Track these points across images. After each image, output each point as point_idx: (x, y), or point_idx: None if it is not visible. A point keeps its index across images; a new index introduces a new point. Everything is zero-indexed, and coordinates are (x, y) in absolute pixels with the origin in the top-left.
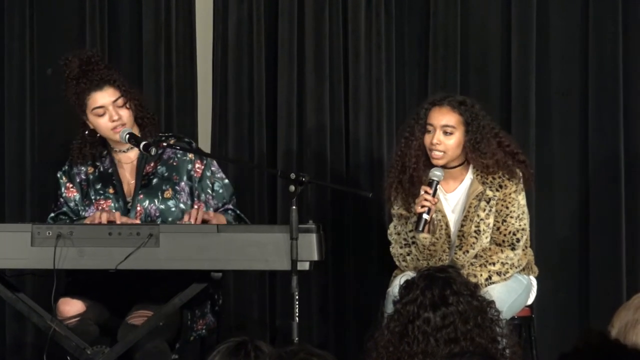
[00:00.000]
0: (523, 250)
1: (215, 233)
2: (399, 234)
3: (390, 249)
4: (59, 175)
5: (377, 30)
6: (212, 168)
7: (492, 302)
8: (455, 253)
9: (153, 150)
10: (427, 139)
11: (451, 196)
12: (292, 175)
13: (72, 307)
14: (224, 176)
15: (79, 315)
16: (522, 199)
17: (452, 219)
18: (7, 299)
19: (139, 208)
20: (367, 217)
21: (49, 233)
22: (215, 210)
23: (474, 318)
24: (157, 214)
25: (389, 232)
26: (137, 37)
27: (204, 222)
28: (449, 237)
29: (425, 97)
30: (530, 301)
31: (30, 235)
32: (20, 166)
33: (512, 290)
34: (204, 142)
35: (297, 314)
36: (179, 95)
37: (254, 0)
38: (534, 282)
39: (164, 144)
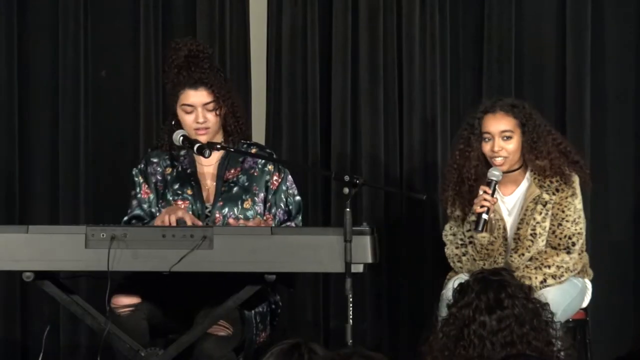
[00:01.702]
0: (579, 254)
1: (268, 235)
2: (454, 234)
3: (445, 249)
4: (134, 173)
5: (431, 33)
6: (287, 182)
7: (546, 304)
8: (511, 256)
9: (207, 153)
10: (486, 147)
11: (508, 199)
12: (346, 178)
13: (127, 298)
14: (296, 192)
15: (133, 305)
16: (578, 203)
17: (509, 221)
18: (62, 301)
19: (217, 215)
20: (421, 219)
21: (103, 235)
22: (281, 224)
23: (529, 321)
24: None
25: (444, 233)
26: None
27: None
28: (506, 239)
29: (479, 100)
30: (585, 304)
31: (84, 237)
32: (74, 169)
33: (566, 293)
34: None
35: (350, 316)
36: None
37: (308, 2)
38: (589, 285)
39: (218, 146)
